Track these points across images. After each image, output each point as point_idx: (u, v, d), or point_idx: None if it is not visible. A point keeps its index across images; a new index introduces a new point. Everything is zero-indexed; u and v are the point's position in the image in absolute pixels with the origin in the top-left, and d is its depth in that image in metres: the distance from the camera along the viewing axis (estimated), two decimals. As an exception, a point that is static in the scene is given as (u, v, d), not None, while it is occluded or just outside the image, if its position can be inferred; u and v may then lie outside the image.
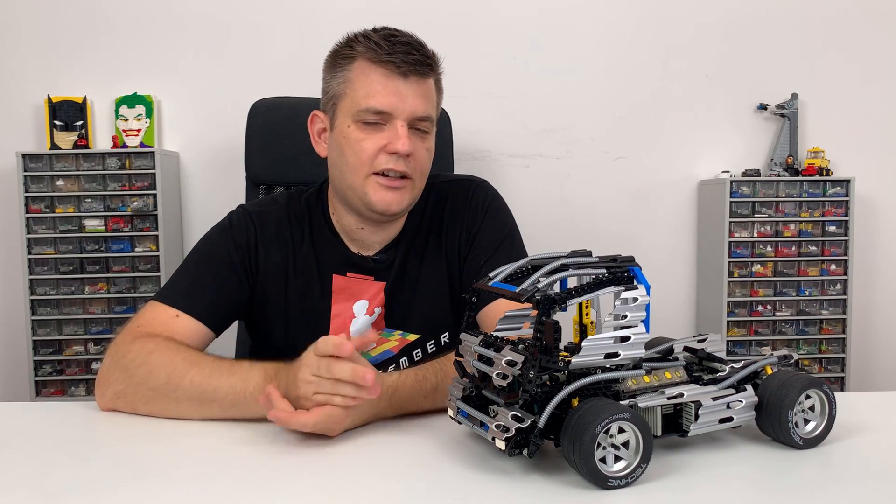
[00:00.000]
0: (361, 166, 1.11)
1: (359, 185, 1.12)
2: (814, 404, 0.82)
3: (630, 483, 0.70)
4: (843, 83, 2.55)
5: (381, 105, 1.09)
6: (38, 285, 2.29)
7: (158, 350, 0.99)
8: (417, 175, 1.14)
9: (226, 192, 2.35)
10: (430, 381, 0.96)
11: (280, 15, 2.41)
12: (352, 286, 1.19)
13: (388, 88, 1.09)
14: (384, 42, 1.09)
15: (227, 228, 1.19)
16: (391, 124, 1.10)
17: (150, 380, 0.96)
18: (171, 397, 0.95)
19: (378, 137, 1.10)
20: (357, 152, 1.11)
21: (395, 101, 1.09)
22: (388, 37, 1.10)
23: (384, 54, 1.09)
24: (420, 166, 1.14)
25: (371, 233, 1.20)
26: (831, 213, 2.41)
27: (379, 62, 1.09)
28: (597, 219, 2.53)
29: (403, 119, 1.10)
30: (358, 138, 1.11)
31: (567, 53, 2.49)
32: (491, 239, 1.22)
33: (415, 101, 1.10)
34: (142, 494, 0.72)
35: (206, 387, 0.93)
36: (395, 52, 1.09)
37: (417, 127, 1.13)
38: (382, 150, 1.10)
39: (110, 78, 2.41)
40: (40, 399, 2.30)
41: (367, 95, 1.09)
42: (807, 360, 2.44)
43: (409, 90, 1.10)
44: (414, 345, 1.21)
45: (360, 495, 0.72)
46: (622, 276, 0.76)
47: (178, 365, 0.96)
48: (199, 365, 0.96)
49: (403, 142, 1.09)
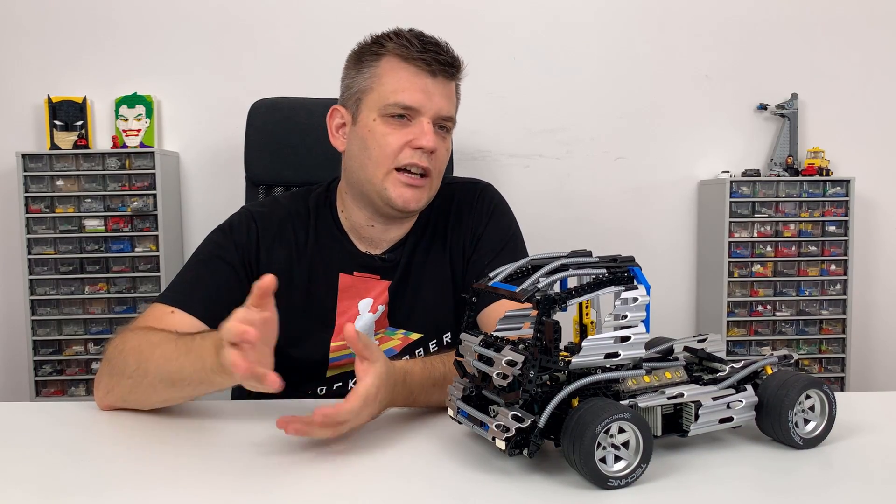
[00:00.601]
0: (385, 160, 1.12)
1: (379, 179, 1.14)
2: (814, 404, 0.82)
3: (630, 483, 0.70)
4: (843, 83, 2.55)
5: (410, 100, 1.11)
6: (38, 285, 2.29)
7: (133, 338, 0.99)
8: (436, 174, 1.17)
9: (226, 192, 2.35)
10: (438, 369, 0.96)
11: (280, 15, 2.41)
12: (358, 285, 1.20)
13: (417, 85, 1.11)
14: (416, 41, 1.12)
15: (228, 230, 1.20)
16: (417, 121, 1.12)
17: (126, 368, 0.95)
18: (144, 383, 0.94)
19: (404, 133, 1.12)
20: (382, 146, 1.12)
21: (422, 98, 1.11)
22: (419, 36, 1.13)
23: (415, 52, 1.11)
24: (440, 165, 1.17)
25: (381, 230, 1.21)
26: (831, 213, 2.41)
27: (410, 59, 1.11)
28: (597, 219, 2.53)
29: (430, 116, 1.12)
30: (384, 132, 1.12)
31: (567, 53, 2.49)
32: (495, 241, 1.23)
33: (441, 100, 1.13)
34: (142, 494, 0.72)
35: (170, 368, 0.91)
36: (427, 52, 1.11)
37: (441, 126, 1.15)
38: (407, 144, 1.12)
39: (110, 78, 2.41)
40: (40, 399, 2.30)
41: (396, 91, 1.11)
42: (807, 360, 2.44)
43: (436, 89, 1.13)
44: (416, 344, 1.21)
45: (360, 495, 0.72)
46: (622, 276, 0.76)
47: (144, 349, 0.95)
48: (161, 346, 0.95)
49: (429, 137, 1.11)
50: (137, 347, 0.97)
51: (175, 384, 0.92)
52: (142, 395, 0.96)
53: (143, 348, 0.96)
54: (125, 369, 0.96)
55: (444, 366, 0.97)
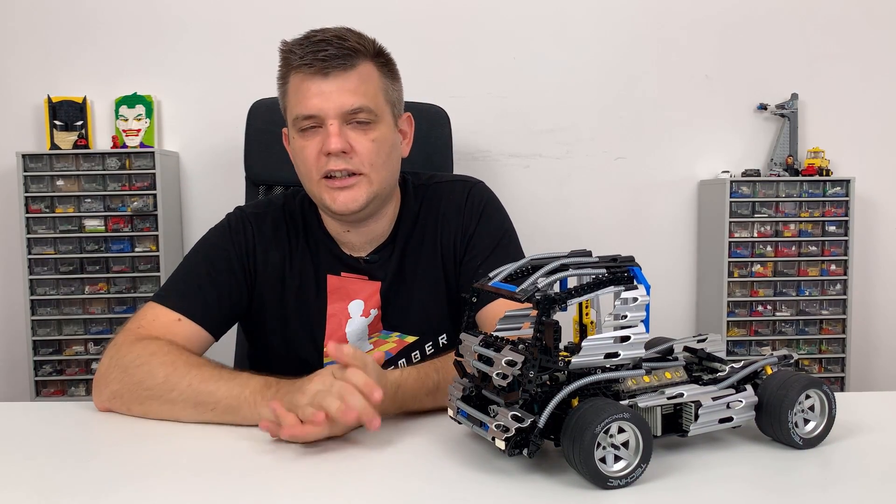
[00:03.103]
0: (309, 172, 1.12)
1: (315, 191, 1.13)
2: (814, 404, 0.82)
3: (630, 483, 0.70)
4: (843, 83, 2.54)
5: (307, 109, 1.08)
6: (38, 285, 2.29)
7: (161, 352, 0.99)
8: (368, 168, 1.11)
9: (226, 192, 2.35)
10: (431, 378, 0.96)
11: (280, 15, 2.41)
12: (347, 286, 1.19)
13: (311, 91, 1.08)
14: (297, 47, 1.09)
15: (226, 230, 1.19)
16: (324, 126, 1.09)
17: (147, 380, 0.96)
18: (166, 398, 0.94)
19: (316, 141, 1.10)
20: (304, 160, 1.11)
21: (318, 101, 1.08)
22: (303, 39, 1.10)
23: (298, 58, 1.08)
24: (367, 159, 1.10)
25: (355, 235, 1.20)
26: (831, 213, 2.41)
27: (299, 67, 1.09)
28: (597, 219, 2.53)
29: (333, 117, 1.08)
30: (301, 146, 1.11)
31: (567, 53, 2.49)
32: (487, 241, 1.21)
33: (340, 97, 1.07)
34: (141, 494, 0.72)
35: (202, 389, 0.93)
36: (307, 54, 1.08)
37: (357, 120, 1.10)
38: (321, 152, 1.09)
39: (110, 78, 2.41)
40: (40, 399, 2.30)
41: (296, 104, 1.10)
42: (807, 360, 2.44)
43: (331, 87, 1.08)
44: (412, 346, 1.21)
45: (360, 495, 0.72)
46: (622, 275, 0.76)
47: (180, 367, 0.96)
48: (200, 368, 0.96)
49: (333, 139, 1.07)
50: (171, 365, 0.96)
51: (199, 405, 0.93)
52: (155, 407, 0.96)
53: (179, 367, 0.96)
54: (147, 381, 0.96)
55: (437, 374, 0.97)
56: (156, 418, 0.96)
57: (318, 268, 1.20)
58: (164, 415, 0.95)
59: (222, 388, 0.93)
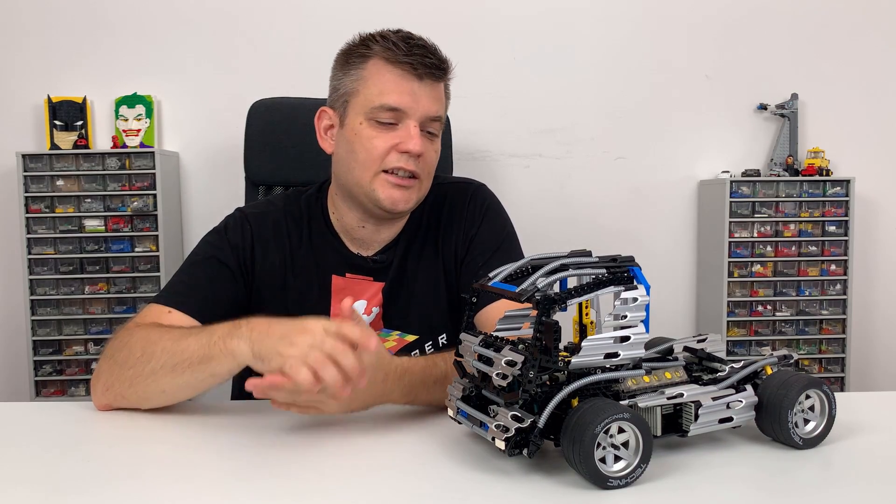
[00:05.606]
0: (372, 163, 1.12)
1: (367, 181, 1.13)
2: (814, 404, 0.82)
3: (630, 483, 0.70)
4: (843, 83, 2.54)
5: (396, 102, 1.10)
6: (38, 285, 2.29)
7: (139, 331, 1.00)
8: (425, 175, 1.16)
9: (226, 192, 2.35)
10: (439, 367, 0.96)
11: (280, 15, 2.41)
12: (351, 286, 1.20)
13: (403, 88, 1.11)
14: (402, 43, 1.11)
15: (223, 231, 1.20)
16: (403, 124, 1.12)
17: (129, 359, 0.96)
18: (147, 371, 0.94)
19: (390, 136, 1.12)
20: (368, 149, 1.12)
21: (409, 100, 1.11)
22: (406, 39, 1.12)
23: (402, 55, 1.10)
24: (428, 167, 1.16)
25: (373, 231, 1.21)
26: (831, 213, 2.41)
27: (396, 62, 1.11)
28: (597, 219, 2.53)
29: (416, 119, 1.12)
30: (370, 136, 1.12)
31: (567, 53, 2.49)
32: (489, 242, 1.22)
33: (428, 103, 1.12)
34: (141, 494, 0.72)
35: (175, 349, 0.93)
36: (413, 54, 1.10)
37: (429, 129, 1.14)
38: (394, 148, 1.11)
39: (110, 78, 2.41)
40: (40, 399, 2.30)
41: (382, 93, 1.11)
42: (807, 360, 2.44)
43: (423, 91, 1.12)
44: (412, 346, 1.21)
45: (360, 495, 0.72)
46: (622, 276, 0.76)
47: (153, 337, 0.96)
48: (172, 331, 0.97)
49: (416, 141, 1.11)
50: (145, 336, 0.97)
51: (177, 368, 0.92)
52: (141, 386, 0.95)
53: (152, 335, 0.97)
54: (128, 359, 0.96)
55: (445, 364, 0.97)
56: (146, 403, 0.96)
57: (321, 268, 1.20)
58: (150, 391, 0.95)
59: (192, 343, 0.92)
